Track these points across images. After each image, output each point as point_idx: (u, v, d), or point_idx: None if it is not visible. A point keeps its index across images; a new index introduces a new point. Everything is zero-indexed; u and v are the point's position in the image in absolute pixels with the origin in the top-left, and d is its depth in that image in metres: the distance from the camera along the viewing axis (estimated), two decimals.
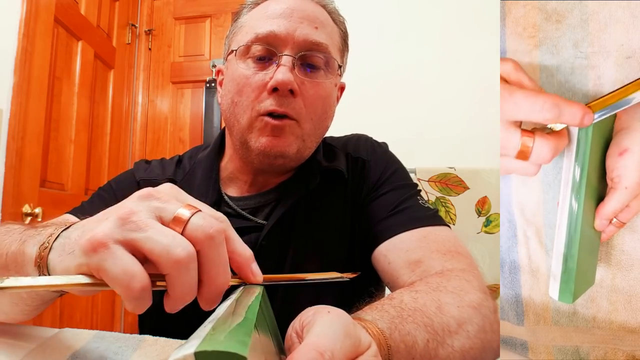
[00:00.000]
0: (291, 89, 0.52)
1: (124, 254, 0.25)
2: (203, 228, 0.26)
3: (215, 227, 0.27)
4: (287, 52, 0.53)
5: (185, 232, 0.26)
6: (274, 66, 0.53)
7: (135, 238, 0.25)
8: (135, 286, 0.24)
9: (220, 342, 0.20)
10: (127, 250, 0.25)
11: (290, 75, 0.52)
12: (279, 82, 0.52)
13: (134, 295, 0.25)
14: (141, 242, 0.25)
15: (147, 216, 0.26)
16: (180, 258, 0.25)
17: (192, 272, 0.26)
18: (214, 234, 0.26)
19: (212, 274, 0.26)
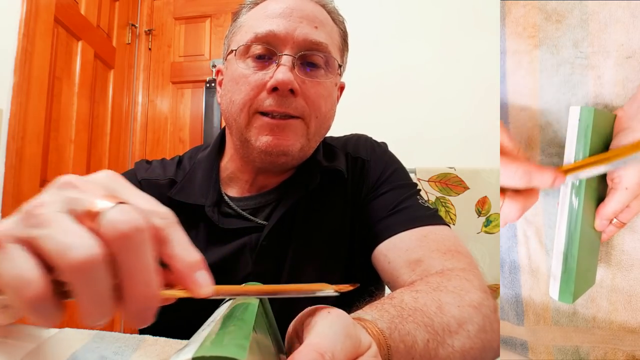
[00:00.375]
0: (291, 89, 0.52)
1: (19, 255, 0.21)
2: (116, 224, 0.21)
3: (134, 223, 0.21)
4: (287, 51, 0.53)
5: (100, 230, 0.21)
6: (274, 66, 0.53)
7: (35, 236, 0.21)
8: (27, 293, 0.20)
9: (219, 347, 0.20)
10: (28, 250, 0.21)
11: (290, 74, 0.52)
12: (279, 82, 0.52)
13: (29, 305, 0.21)
14: (40, 240, 0.21)
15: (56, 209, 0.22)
16: (78, 261, 0.20)
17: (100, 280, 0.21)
18: (129, 232, 0.21)
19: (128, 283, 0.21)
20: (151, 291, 0.22)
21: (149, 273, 0.22)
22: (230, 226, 0.57)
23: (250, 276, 0.55)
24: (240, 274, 0.55)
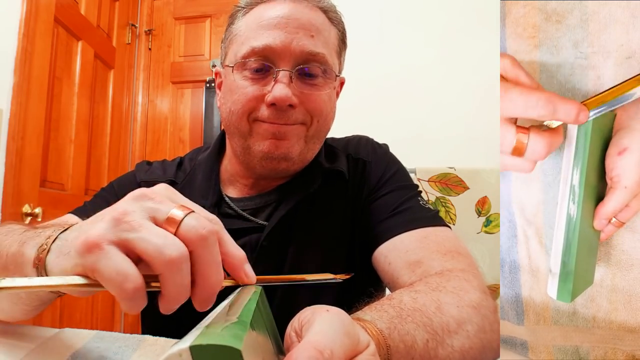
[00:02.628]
0: (290, 104, 0.53)
1: (117, 255, 0.25)
2: (196, 229, 0.26)
3: (208, 228, 0.27)
4: (284, 66, 0.53)
5: (179, 233, 0.26)
6: (272, 79, 0.53)
7: (129, 238, 0.25)
8: (128, 287, 0.24)
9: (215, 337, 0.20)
10: (121, 251, 0.25)
11: (288, 90, 0.52)
12: (276, 99, 0.52)
13: (128, 296, 0.25)
14: (134, 242, 0.25)
15: (140, 216, 0.26)
16: (173, 258, 0.25)
17: (185, 273, 0.26)
18: (206, 235, 0.26)
19: (205, 274, 0.26)
20: (220, 279, 0.27)
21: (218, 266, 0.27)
22: (231, 227, 0.56)
23: None
24: None
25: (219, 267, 0.27)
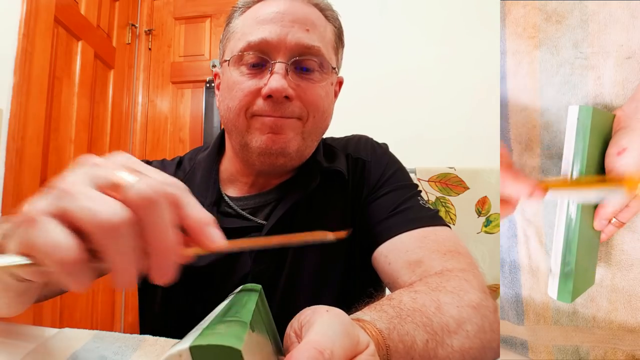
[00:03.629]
0: (286, 95, 0.53)
1: (53, 226, 0.23)
2: (141, 191, 0.24)
3: (157, 189, 0.24)
4: (280, 58, 0.53)
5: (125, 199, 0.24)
6: (268, 73, 0.53)
7: (66, 207, 0.24)
8: (64, 259, 0.23)
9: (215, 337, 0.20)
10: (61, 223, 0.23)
11: (284, 82, 0.52)
12: (272, 90, 0.52)
13: (65, 270, 0.23)
14: (71, 210, 0.23)
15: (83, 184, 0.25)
16: (109, 223, 0.23)
17: (126, 239, 0.23)
18: (153, 197, 0.24)
19: (155, 240, 0.24)
20: (172, 245, 0.25)
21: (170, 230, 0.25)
22: (230, 226, 0.57)
23: (249, 276, 0.55)
24: (239, 273, 0.55)
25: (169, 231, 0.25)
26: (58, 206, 0.24)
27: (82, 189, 0.24)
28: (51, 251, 0.23)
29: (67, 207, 0.24)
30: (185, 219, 0.26)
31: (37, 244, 0.23)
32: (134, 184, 0.24)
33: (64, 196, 0.24)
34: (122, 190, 0.24)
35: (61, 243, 0.23)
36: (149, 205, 0.24)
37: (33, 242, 0.23)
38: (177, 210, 0.25)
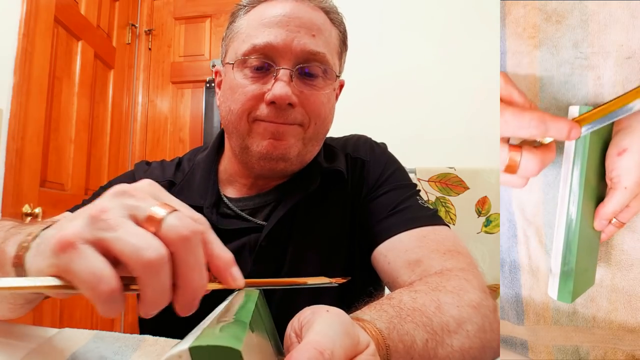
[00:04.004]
0: (289, 103, 0.52)
1: (93, 255, 0.24)
2: (178, 229, 0.25)
3: (192, 228, 0.25)
4: (285, 64, 0.53)
5: (159, 233, 0.25)
6: (272, 78, 0.53)
7: (105, 238, 0.24)
8: (103, 289, 0.23)
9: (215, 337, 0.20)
10: (97, 250, 0.24)
11: (289, 89, 0.52)
12: (276, 97, 0.52)
13: (102, 299, 0.23)
14: (111, 242, 0.24)
15: (119, 214, 0.25)
16: (151, 260, 0.23)
17: (164, 275, 0.24)
18: (189, 235, 0.25)
19: (187, 277, 0.25)
20: (203, 283, 0.26)
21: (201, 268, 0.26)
22: (229, 227, 0.57)
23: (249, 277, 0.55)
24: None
25: (201, 270, 0.26)
26: (98, 236, 0.24)
27: (120, 220, 0.25)
28: (91, 280, 0.23)
29: (108, 238, 0.24)
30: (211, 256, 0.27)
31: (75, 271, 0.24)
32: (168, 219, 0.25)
33: (103, 226, 0.24)
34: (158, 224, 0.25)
35: (103, 274, 0.23)
36: (185, 242, 0.25)
37: (70, 268, 0.24)
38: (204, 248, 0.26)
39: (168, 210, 0.26)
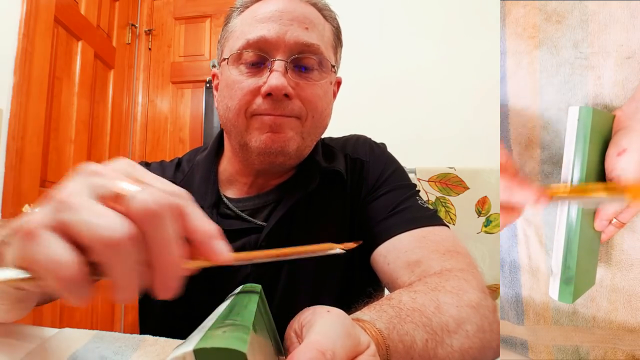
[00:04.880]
0: (286, 94, 0.52)
1: (53, 241, 0.22)
2: (146, 203, 0.23)
3: (162, 201, 0.23)
4: (279, 56, 0.53)
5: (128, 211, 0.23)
6: (267, 71, 0.53)
7: (66, 221, 0.23)
8: (63, 275, 0.22)
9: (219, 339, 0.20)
10: (61, 237, 0.23)
11: (284, 79, 0.52)
12: (272, 88, 0.52)
13: (65, 286, 0.22)
14: (72, 225, 0.22)
15: (85, 195, 0.24)
16: (112, 240, 0.22)
17: (129, 255, 0.22)
18: (157, 210, 0.23)
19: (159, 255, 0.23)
20: (177, 260, 0.24)
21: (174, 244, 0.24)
22: (229, 227, 0.57)
23: (249, 277, 0.55)
24: (239, 275, 0.55)
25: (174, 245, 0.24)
26: (58, 219, 0.23)
27: (82, 200, 0.23)
28: (51, 267, 0.22)
29: (67, 220, 0.23)
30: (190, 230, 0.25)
31: (37, 259, 0.22)
32: (136, 194, 0.23)
33: (63, 208, 0.23)
34: (124, 201, 0.23)
35: (61, 259, 0.22)
36: (153, 218, 0.23)
37: (32, 257, 0.23)
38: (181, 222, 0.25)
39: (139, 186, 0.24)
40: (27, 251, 0.23)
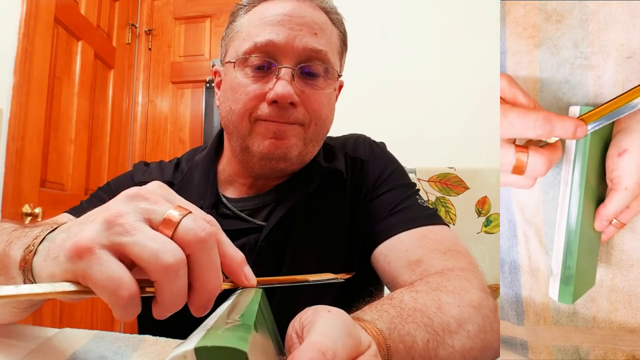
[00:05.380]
0: (291, 102, 0.52)
1: (110, 260, 0.24)
2: (194, 231, 0.25)
3: (207, 230, 0.26)
4: (287, 63, 0.53)
5: (176, 236, 0.25)
6: (273, 77, 0.53)
7: (123, 242, 0.24)
8: (122, 294, 0.23)
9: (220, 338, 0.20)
10: (114, 255, 0.24)
11: (290, 88, 0.52)
12: (279, 96, 0.51)
13: (121, 304, 0.24)
14: (129, 247, 0.24)
15: (135, 219, 0.25)
16: (170, 264, 0.24)
17: (182, 278, 0.25)
18: (205, 238, 0.25)
19: (204, 279, 0.25)
20: (218, 283, 0.26)
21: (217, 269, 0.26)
22: (229, 227, 0.57)
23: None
24: None
25: (218, 271, 0.26)
26: (115, 241, 0.24)
27: (138, 224, 0.25)
28: (109, 285, 0.23)
29: (126, 243, 0.24)
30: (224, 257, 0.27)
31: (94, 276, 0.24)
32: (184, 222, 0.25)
33: (120, 231, 0.24)
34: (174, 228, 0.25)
35: (122, 279, 0.24)
36: (202, 245, 0.25)
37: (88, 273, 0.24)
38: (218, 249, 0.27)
39: (182, 212, 0.26)
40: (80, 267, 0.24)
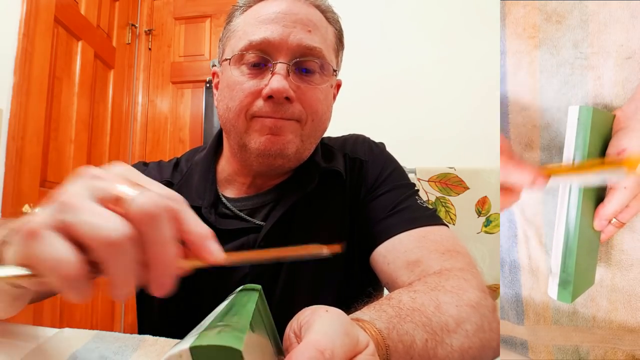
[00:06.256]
0: (287, 97, 0.52)
1: (56, 240, 0.23)
2: (144, 206, 0.24)
3: (159, 204, 0.25)
4: (282, 59, 0.53)
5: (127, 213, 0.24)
6: (269, 73, 0.53)
7: (67, 220, 0.24)
8: (65, 273, 0.23)
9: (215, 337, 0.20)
10: (62, 236, 0.24)
11: (285, 82, 0.52)
12: (274, 90, 0.52)
13: (66, 284, 0.23)
14: (74, 225, 0.24)
15: (85, 197, 0.25)
16: (111, 239, 0.23)
17: (127, 255, 0.24)
18: (155, 212, 0.24)
19: (155, 254, 0.24)
20: (172, 259, 0.25)
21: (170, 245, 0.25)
22: (228, 227, 0.57)
23: (247, 277, 0.55)
24: (238, 274, 0.55)
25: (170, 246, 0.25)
26: (60, 219, 0.24)
27: (84, 202, 0.24)
28: (53, 265, 0.23)
29: (70, 220, 0.24)
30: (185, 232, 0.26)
31: (39, 257, 0.23)
32: (134, 197, 0.25)
33: (65, 209, 0.24)
34: (124, 204, 0.24)
35: (64, 257, 0.23)
36: (151, 220, 0.24)
37: (35, 255, 0.24)
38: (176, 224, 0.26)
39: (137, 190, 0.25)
40: (29, 249, 0.24)
